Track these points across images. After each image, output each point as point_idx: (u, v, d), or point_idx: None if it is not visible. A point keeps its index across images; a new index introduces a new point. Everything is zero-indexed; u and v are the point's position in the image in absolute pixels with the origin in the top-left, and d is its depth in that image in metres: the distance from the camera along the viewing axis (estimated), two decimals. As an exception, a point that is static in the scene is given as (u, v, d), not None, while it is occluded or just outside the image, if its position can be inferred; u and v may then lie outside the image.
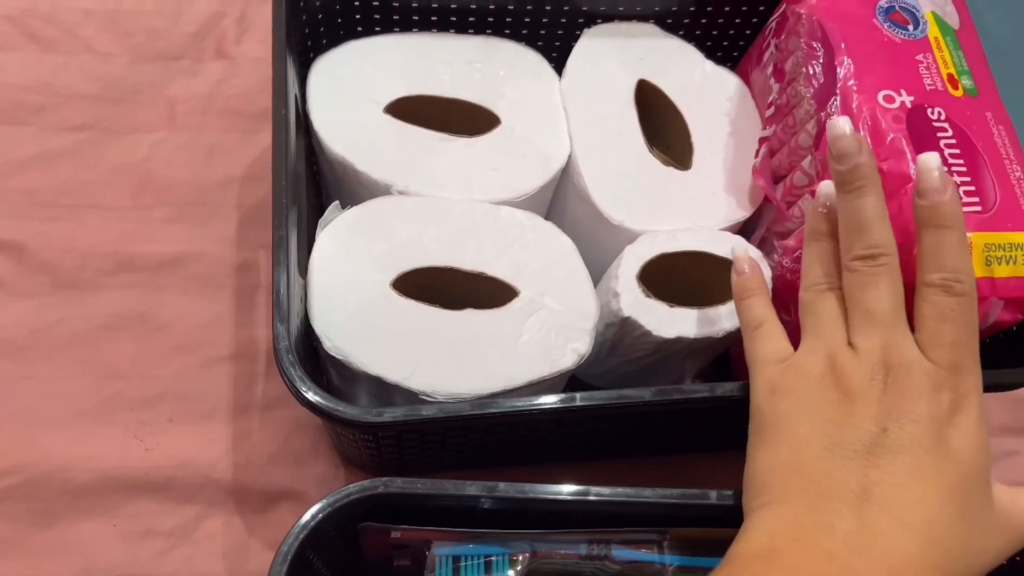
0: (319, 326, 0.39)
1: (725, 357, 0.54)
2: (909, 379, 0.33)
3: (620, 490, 0.37)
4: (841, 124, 0.36)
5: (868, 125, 0.42)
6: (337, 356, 0.40)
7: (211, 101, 0.65)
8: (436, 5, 0.49)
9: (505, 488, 0.36)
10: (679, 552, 0.40)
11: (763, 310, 0.39)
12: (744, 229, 0.51)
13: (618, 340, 0.45)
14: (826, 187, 0.38)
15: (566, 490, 0.36)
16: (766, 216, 0.50)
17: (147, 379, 0.55)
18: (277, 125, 0.39)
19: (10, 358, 0.54)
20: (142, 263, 0.58)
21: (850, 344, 0.35)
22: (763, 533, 0.32)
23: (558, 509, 0.37)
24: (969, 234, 0.39)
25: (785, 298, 0.48)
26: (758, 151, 0.49)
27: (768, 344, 0.37)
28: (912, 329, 0.35)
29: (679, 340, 0.43)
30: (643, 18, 0.53)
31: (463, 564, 0.39)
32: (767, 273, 0.44)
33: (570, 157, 0.48)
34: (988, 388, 0.35)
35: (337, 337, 0.39)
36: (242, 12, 0.68)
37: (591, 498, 0.36)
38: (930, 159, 0.35)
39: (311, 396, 0.35)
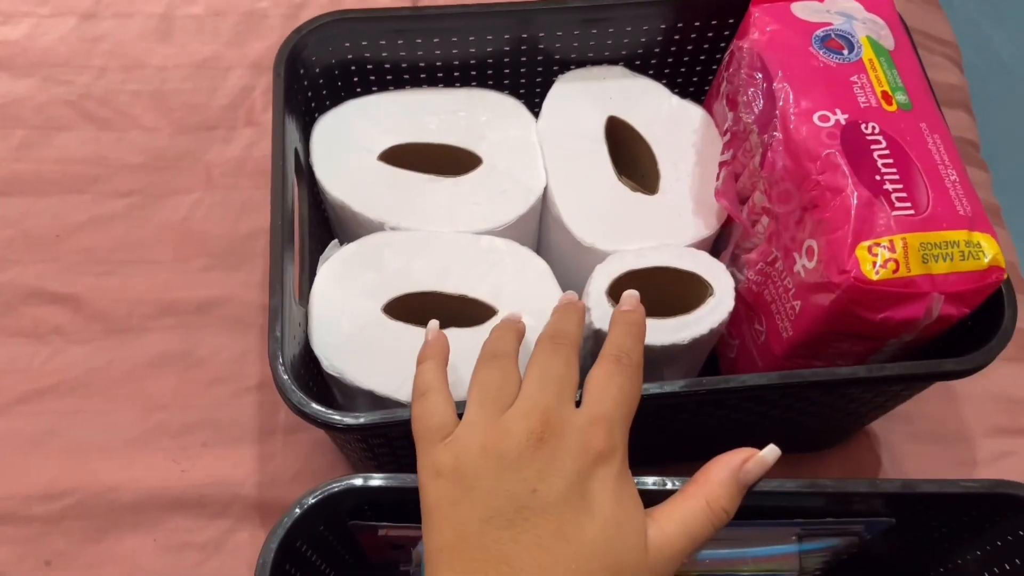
0: (318, 348, 0.45)
1: (712, 362, 0.57)
2: (562, 438, 0.34)
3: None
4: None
5: (805, 143, 0.46)
6: (334, 374, 0.45)
7: (242, 163, 0.72)
8: (423, 64, 0.56)
9: None
10: None
11: (432, 377, 0.39)
12: (714, 247, 0.55)
13: (594, 352, 0.49)
14: None
15: None
16: (734, 234, 0.54)
17: (186, 409, 0.61)
18: (275, 176, 0.45)
19: (68, 396, 0.61)
20: (182, 307, 0.65)
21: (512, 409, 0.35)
22: None
23: None
24: (904, 235, 0.43)
25: (753, 308, 0.51)
26: (719, 174, 0.53)
27: (432, 419, 0.36)
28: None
29: (649, 349, 0.47)
30: (612, 62, 0.58)
31: None
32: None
33: (546, 190, 0.53)
34: (936, 376, 0.37)
35: (334, 357, 0.45)
36: (268, 84, 0.76)
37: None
38: (632, 294, 0.41)
39: (295, 400, 0.40)
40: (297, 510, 0.38)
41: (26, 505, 0.57)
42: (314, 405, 0.40)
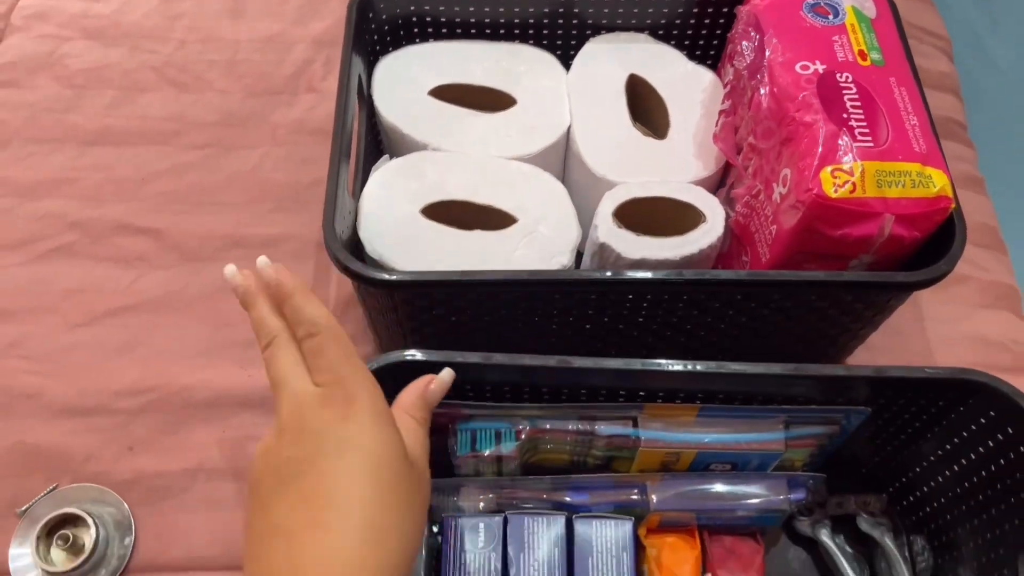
0: (364, 235, 0.54)
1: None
2: (306, 409, 0.38)
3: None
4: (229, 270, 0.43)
5: (787, 87, 0.54)
6: (375, 257, 0.54)
7: (303, 123, 0.82)
8: (474, 20, 0.65)
9: (503, 358, 0.46)
10: (648, 427, 0.49)
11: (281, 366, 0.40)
12: (716, 187, 0.63)
13: (601, 267, 0.58)
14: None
15: (578, 363, 0.45)
16: (730, 178, 0.62)
17: (249, 328, 0.68)
18: (340, 95, 0.55)
19: (149, 312, 0.71)
20: (249, 242, 0.74)
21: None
22: None
23: (575, 382, 0.46)
24: (863, 163, 0.50)
25: (741, 240, 0.59)
26: (718, 121, 0.61)
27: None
28: None
29: (643, 261, 0.55)
30: (639, 29, 0.67)
31: (478, 435, 0.49)
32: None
33: (570, 129, 0.61)
34: (888, 286, 0.45)
35: (377, 243, 0.54)
36: (327, 57, 0.86)
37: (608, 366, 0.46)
38: (261, 261, 0.43)
39: (341, 256, 0.49)
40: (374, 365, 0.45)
41: (113, 400, 0.66)
42: (357, 262, 0.49)
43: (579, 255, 0.59)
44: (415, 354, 0.46)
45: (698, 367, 0.46)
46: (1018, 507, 0.46)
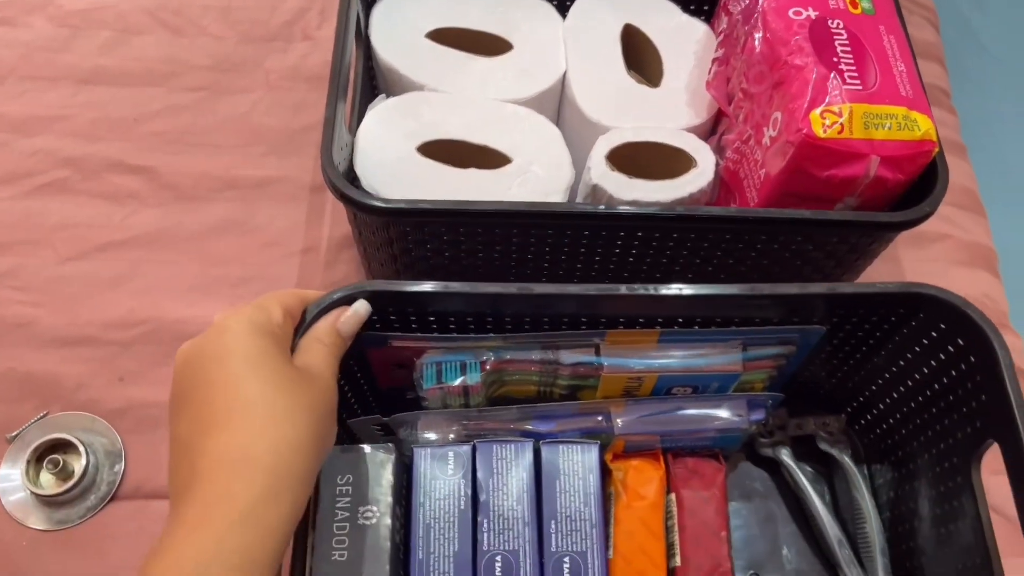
0: (360, 169, 0.55)
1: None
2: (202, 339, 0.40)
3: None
4: None
5: (779, 32, 0.55)
6: (370, 191, 0.55)
7: (297, 70, 0.82)
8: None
9: (461, 286, 0.45)
10: (610, 354, 0.49)
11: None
12: (707, 135, 0.64)
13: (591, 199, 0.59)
14: None
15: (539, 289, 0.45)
16: (722, 126, 0.63)
17: (242, 266, 0.71)
18: (339, 31, 0.55)
19: (141, 248, 0.71)
20: (242, 183, 0.75)
21: None
22: None
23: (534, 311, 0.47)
24: (851, 105, 0.52)
25: (731, 187, 0.61)
26: (711, 69, 0.63)
27: None
28: None
29: (635, 203, 0.56)
30: (634, -20, 0.68)
31: (444, 368, 0.49)
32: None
33: (565, 75, 0.62)
34: (872, 225, 0.47)
35: (372, 179, 0.54)
36: (322, 6, 0.87)
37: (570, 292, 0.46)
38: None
39: (339, 184, 0.49)
40: (325, 303, 0.44)
41: (104, 331, 0.67)
42: (354, 189, 0.50)
43: (572, 198, 0.60)
44: (368, 285, 0.46)
45: (658, 290, 0.46)
46: (968, 415, 0.47)
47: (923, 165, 0.53)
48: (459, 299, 0.47)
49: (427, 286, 0.45)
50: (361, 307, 0.45)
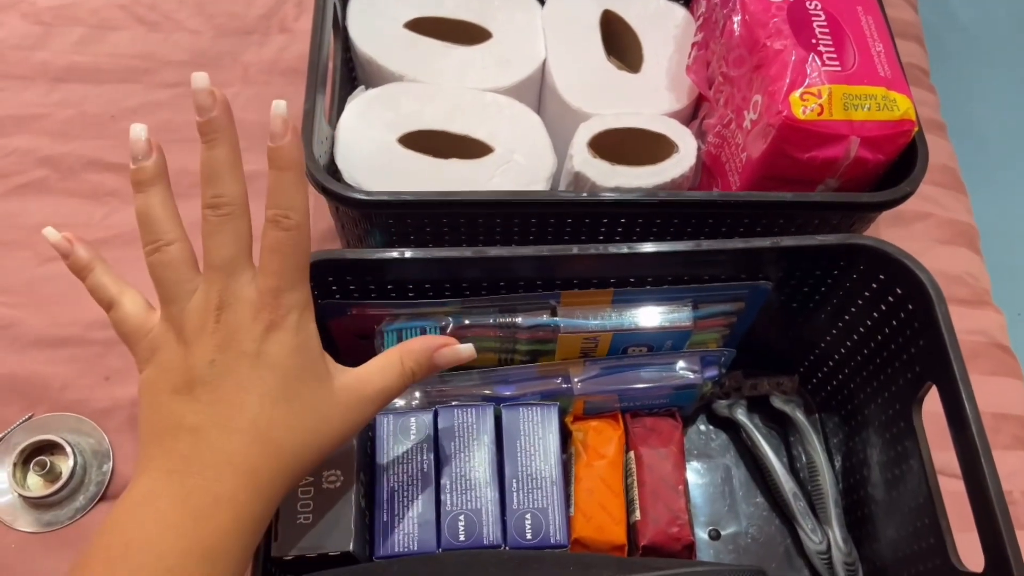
0: (341, 162, 0.54)
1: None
2: (235, 314, 0.37)
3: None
4: (200, 77, 0.38)
5: (758, 15, 0.55)
6: (351, 183, 0.54)
7: (275, 64, 0.82)
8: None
9: (419, 252, 0.46)
10: (566, 315, 0.50)
11: (108, 285, 0.43)
12: (688, 120, 0.64)
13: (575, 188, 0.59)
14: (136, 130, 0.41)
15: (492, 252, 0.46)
16: (702, 111, 0.63)
17: (225, 261, 0.70)
18: (315, 23, 0.55)
19: (123, 247, 0.70)
20: (222, 179, 0.74)
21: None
22: (139, 484, 0.36)
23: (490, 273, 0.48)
24: (830, 86, 0.52)
25: (712, 172, 0.61)
26: (690, 54, 0.63)
27: (129, 324, 0.41)
28: None
29: (617, 190, 0.56)
30: (612, -34, 0.68)
31: (404, 335, 0.50)
32: None
33: (545, 63, 0.62)
34: (853, 206, 0.47)
35: (353, 171, 0.54)
36: (298, -1, 0.86)
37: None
38: (278, 106, 0.38)
39: (320, 177, 0.49)
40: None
41: (88, 331, 0.66)
42: (335, 182, 0.49)
43: (555, 186, 0.60)
44: (325, 253, 0.46)
45: (607, 249, 0.47)
46: (908, 362, 0.49)
47: (903, 145, 0.54)
48: (416, 265, 0.47)
49: (384, 253, 0.46)
50: (465, 350, 0.41)
